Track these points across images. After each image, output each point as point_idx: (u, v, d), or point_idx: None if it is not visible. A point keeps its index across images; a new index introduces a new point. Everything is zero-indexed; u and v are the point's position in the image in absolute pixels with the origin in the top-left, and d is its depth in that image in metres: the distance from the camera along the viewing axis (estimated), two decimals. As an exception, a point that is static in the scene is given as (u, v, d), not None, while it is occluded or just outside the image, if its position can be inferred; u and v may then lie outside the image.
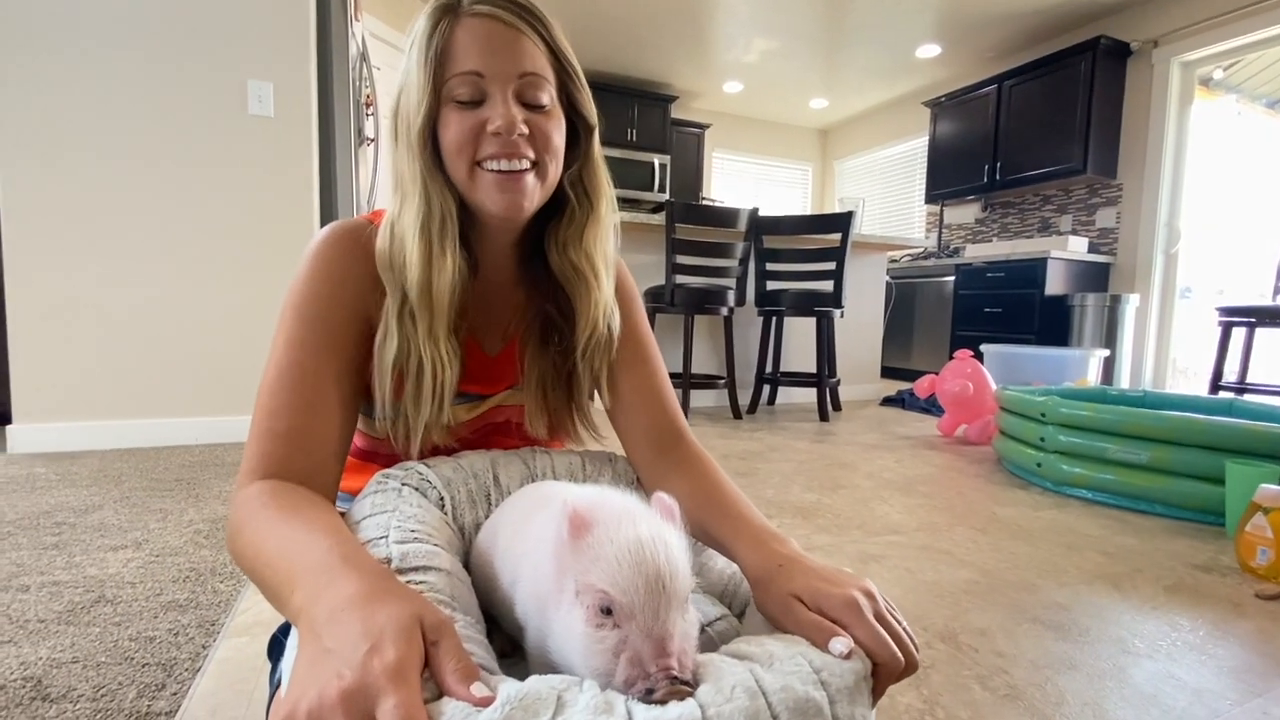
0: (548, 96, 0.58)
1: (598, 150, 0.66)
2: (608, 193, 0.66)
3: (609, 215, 0.66)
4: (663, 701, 0.30)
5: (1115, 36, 3.92)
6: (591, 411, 0.71)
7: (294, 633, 0.40)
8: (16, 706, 0.73)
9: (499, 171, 0.56)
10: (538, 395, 0.65)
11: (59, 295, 1.98)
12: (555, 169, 0.60)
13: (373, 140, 2.96)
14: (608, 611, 0.33)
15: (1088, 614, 1.07)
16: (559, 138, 0.60)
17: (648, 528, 0.35)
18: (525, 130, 0.56)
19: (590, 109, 0.64)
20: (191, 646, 0.88)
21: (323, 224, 2.32)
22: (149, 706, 0.75)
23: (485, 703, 0.28)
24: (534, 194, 0.58)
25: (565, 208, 0.64)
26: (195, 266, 2.11)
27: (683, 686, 0.31)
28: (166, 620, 0.95)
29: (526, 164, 0.57)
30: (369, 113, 2.90)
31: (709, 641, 0.52)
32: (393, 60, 3.78)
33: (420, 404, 0.58)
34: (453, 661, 0.31)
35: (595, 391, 0.70)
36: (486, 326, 0.65)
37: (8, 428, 1.96)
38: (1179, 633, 1.02)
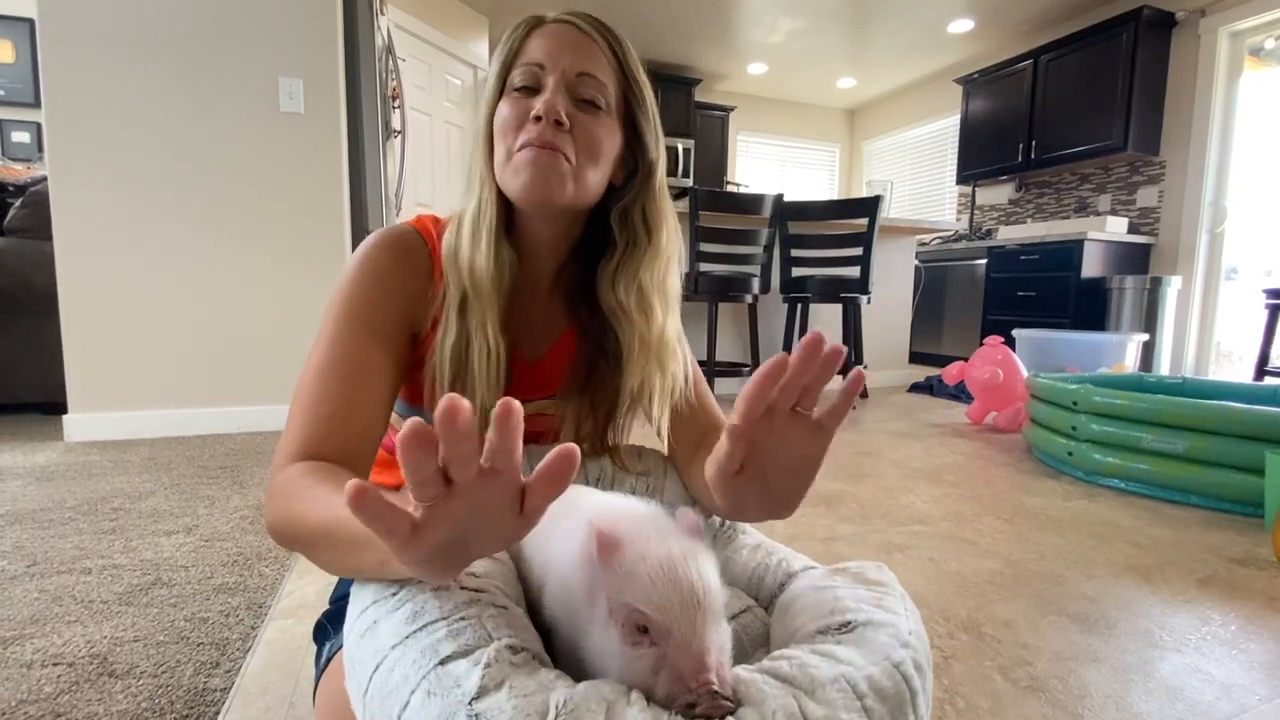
0: (603, 103, 0.59)
1: (660, 183, 0.64)
2: (671, 225, 0.64)
3: (671, 246, 0.64)
4: (706, 716, 0.31)
5: (1159, 6, 3.75)
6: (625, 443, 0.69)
7: (356, 592, 0.43)
8: (86, 682, 0.79)
9: (530, 148, 0.56)
10: (572, 431, 0.66)
11: (107, 290, 2.07)
12: (595, 176, 0.60)
13: (399, 133, 3.00)
14: (644, 630, 0.34)
15: (1115, 606, 1.07)
16: (606, 145, 0.59)
17: (678, 544, 0.36)
18: (566, 123, 0.56)
19: (651, 139, 0.62)
20: (242, 627, 0.94)
21: (353, 216, 2.38)
22: (205, 683, 0.80)
23: (567, 454, 0.29)
24: (564, 182, 0.57)
25: (615, 242, 0.64)
26: (233, 260, 2.18)
27: (724, 703, 0.31)
28: (218, 602, 1.01)
29: (562, 157, 0.56)
30: (395, 105, 2.94)
31: (734, 634, 0.54)
32: (417, 51, 3.81)
33: (476, 388, 0.59)
34: None
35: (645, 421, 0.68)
36: (526, 333, 0.66)
37: (64, 417, 2.06)
38: (1209, 626, 1.01)
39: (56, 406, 2.15)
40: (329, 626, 0.68)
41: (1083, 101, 4.02)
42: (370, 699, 0.36)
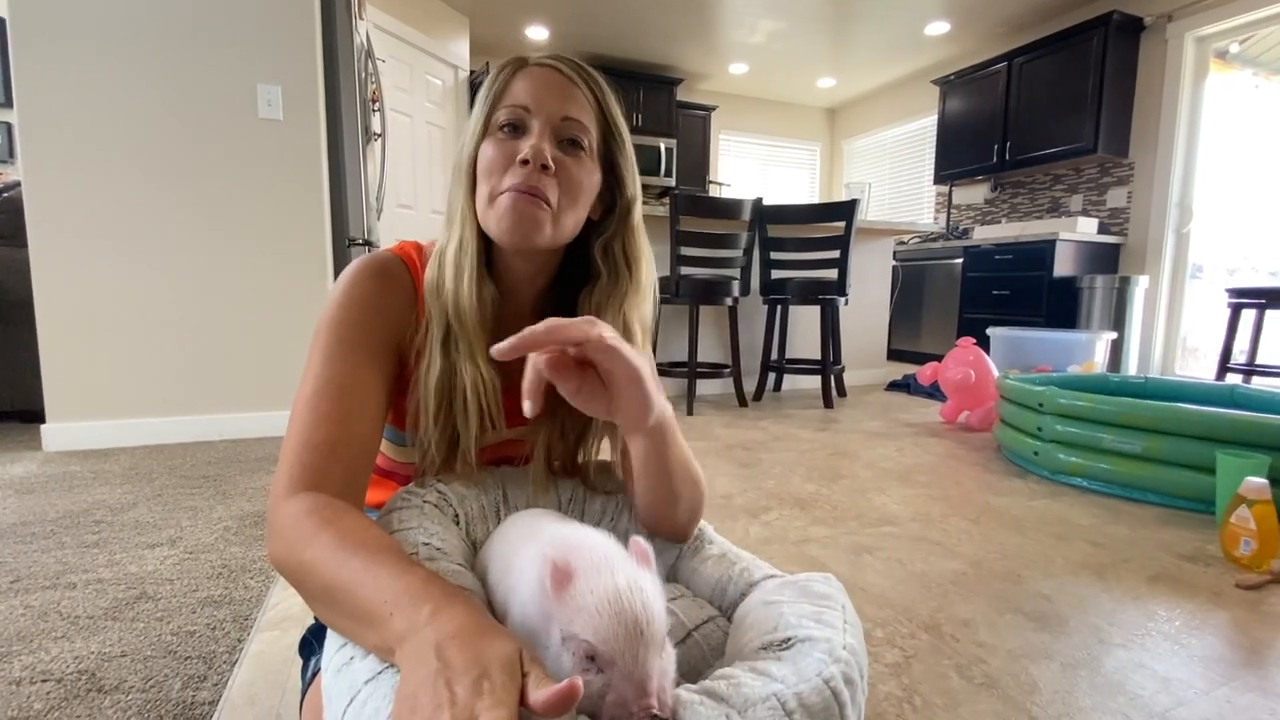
0: (585, 145, 0.62)
1: (638, 220, 0.68)
2: (648, 259, 0.69)
3: (650, 279, 0.68)
4: None
5: (1128, 11, 3.84)
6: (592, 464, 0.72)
7: (347, 648, 0.44)
8: (75, 698, 0.81)
9: (514, 193, 0.59)
10: (543, 456, 0.67)
11: (84, 297, 2.06)
12: (573, 217, 0.62)
13: (379, 136, 3.00)
14: (591, 658, 0.37)
15: (1069, 604, 1.13)
16: (587, 186, 0.62)
17: (624, 576, 0.39)
18: (551, 166, 0.58)
19: (631, 179, 0.66)
20: (228, 640, 0.96)
21: (333, 222, 2.39)
22: (193, 697, 0.82)
23: (570, 693, 0.31)
24: (543, 228, 0.60)
25: (599, 275, 0.66)
26: (213, 268, 2.18)
27: None
28: (204, 615, 1.03)
29: (543, 200, 0.59)
30: (375, 108, 2.94)
31: (695, 645, 0.58)
32: (396, 52, 3.80)
33: (470, 420, 0.61)
34: (541, 683, 0.34)
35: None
36: (503, 363, 0.68)
37: (42, 427, 2.05)
38: (1155, 622, 1.07)
39: (34, 415, 2.13)
40: (314, 641, 0.71)
41: (1055, 103, 4.11)
42: None
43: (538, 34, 4.91)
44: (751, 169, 6.48)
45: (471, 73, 4.50)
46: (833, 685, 0.39)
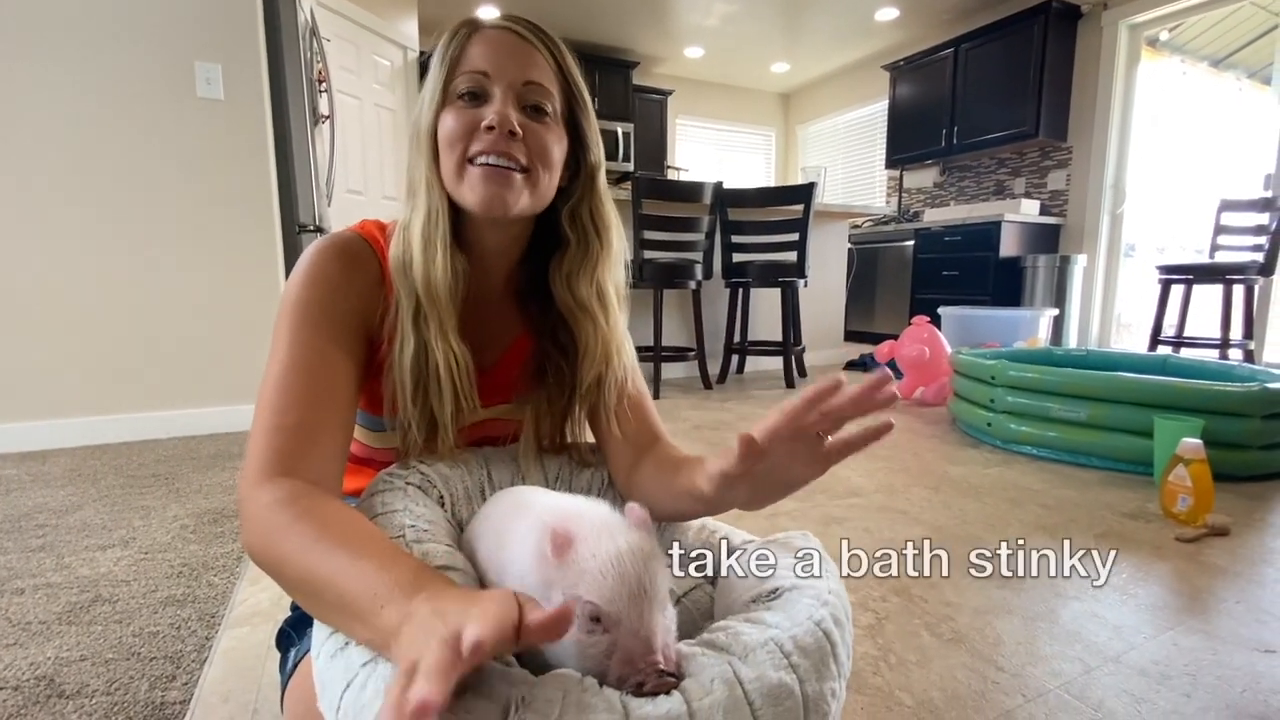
0: (550, 110, 0.60)
1: (603, 183, 0.67)
2: (616, 223, 0.68)
3: (620, 244, 0.68)
4: (653, 693, 0.35)
5: (1066, -1, 4.00)
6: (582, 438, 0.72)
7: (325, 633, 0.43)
8: (35, 704, 0.77)
9: (486, 165, 0.57)
10: (532, 430, 0.67)
11: (10, 291, 1.92)
12: (548, 181, 0.61)
13: (328, 117, 2.89)
14: (596, 620, 0.37)
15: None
16: (557, 152, 0.61)
17: (625, 539, 0.39)
18: (519, 132, 0.57)
19: (595, 142, 0.65)
20: (195, 639, 0.92)
21: (282, 208, 2.30)
22: (163, 697, 0.79)
23: (565, 614, 0.31)
24: (520, 195, 0.59)
25: (568, 242, 0.66)
26: (151, 256, 2.07)
27: (669, 678, 0.35)
28: (167, 615, 0.99)
29: (516, 166, 0.58)
30: (322, 89, 2.82)
31: (684, 611, 0.59)
32: (342, 31, 3.65)
33: (444, 399, 0.60)
34: (536, 610, 0.33)
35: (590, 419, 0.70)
36: (479, 340, 0.65)
37: (-31, 429, 1.92)
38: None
39: (-41, 417, 1.99)
40: (292, 633, 0.69)
41: (998, 89, 4.25)
42: (343, 715, 0.37)
43: (488, 14, 4.79)
44: (708, 154, 6.50)
45: (421, 53, 4.36)
46: (823, 626, 0.41)
